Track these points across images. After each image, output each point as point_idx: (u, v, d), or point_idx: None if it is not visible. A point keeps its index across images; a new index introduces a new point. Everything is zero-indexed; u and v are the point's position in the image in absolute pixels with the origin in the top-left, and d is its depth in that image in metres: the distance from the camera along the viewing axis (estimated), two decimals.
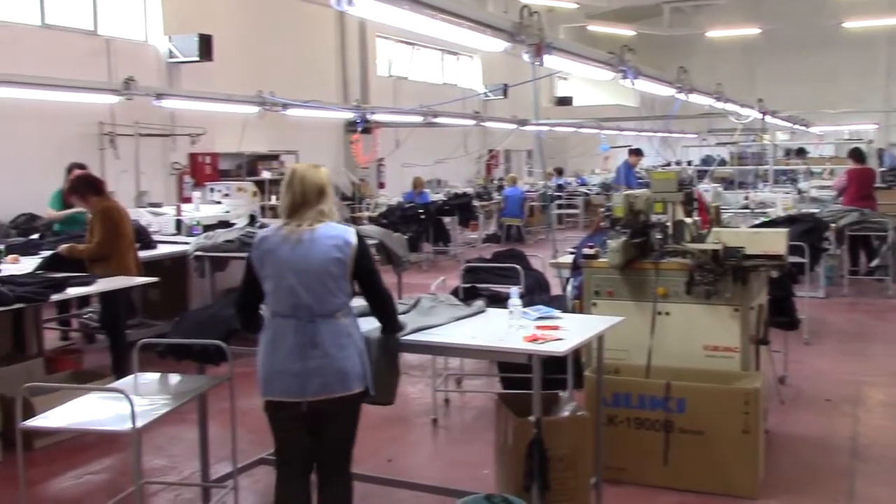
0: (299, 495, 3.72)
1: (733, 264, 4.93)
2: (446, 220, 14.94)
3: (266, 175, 15.28)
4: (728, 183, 16.76)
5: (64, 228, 8.50)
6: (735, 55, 27.78)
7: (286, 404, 3.56)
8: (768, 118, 15.02)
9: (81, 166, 8.59)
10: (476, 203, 16.18)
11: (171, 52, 13.94)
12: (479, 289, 6.27)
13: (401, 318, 4.18)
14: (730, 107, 12.34)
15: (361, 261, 3.61)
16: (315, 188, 3.59)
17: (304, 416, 3.58)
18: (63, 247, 6.72)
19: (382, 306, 3.82)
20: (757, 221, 9.27)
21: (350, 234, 3.60)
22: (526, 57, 5.47)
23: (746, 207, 11.21)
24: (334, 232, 3.57)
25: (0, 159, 11.33)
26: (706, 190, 10.52)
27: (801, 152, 20.60)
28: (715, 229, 5.36)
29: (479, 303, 4.61)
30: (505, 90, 18.59)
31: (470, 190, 18.03)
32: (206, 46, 13.74)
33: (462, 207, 15.42)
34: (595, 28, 25.42)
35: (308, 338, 3.51)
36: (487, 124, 18.23)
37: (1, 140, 11.31)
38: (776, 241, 5.19)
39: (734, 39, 27.19)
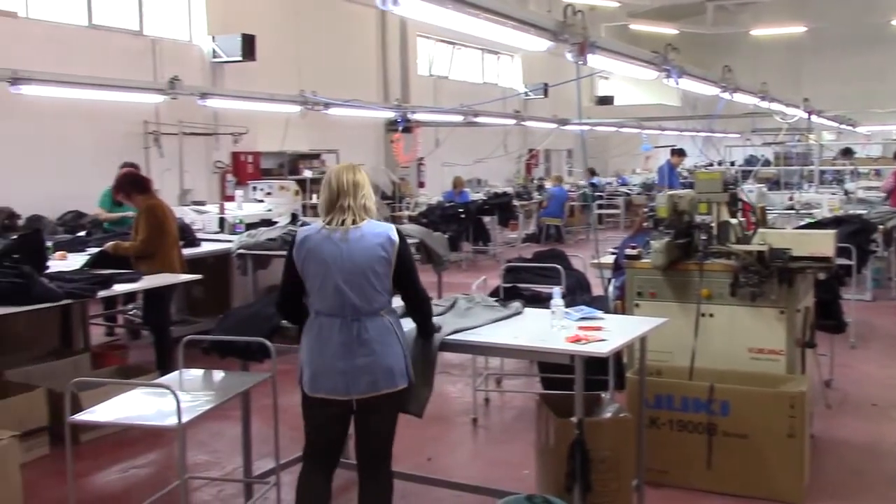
0: (321, 489, 3.73)
1: (779, 266, 4.86)
2: (486, 219, 14.92)
3: (307, 174, 15.37)
4: (772, 184, 16.54)
5: (112, 227, 8.64)
6: (780, 54, 27.38)
7: (331, 402, 3.58)
8: (814, 118, 14.78)
9: (133, 165, 8.71)
10: (516, 202, 16.13)
11: (214, 51, 14.10)
12: (520, 288, 6.24)
13: (437, 319, 4.19)
14: (775, 106, 12.15)
15: (403, 259, 3.61)
16: (349, 183, 3.59)
17: (346, 414, 3.59)
18: (109, 244, 6.85)
19: (420, 306, 3.82)
20: (802, 223, 9.14)
21: (393, 231, 3.60)
22: (569, 56, 5.42)
23: (791, 208, 11.06)
24: (378, 230, 3.58)
25: (47, 157, 11.55)
26: (750, 191, 10.38)
27: (847, 152, 20.25)
28: (760, 230, 5.29)
29: (516, 304, 4.58)
30: (545, 89, 18.52)
31: (510, 189, 17.98)
32: (248, 46, 13.88)
33: (502, 207, 15.38)
34: (637, 27, 25.21)
35: (354, 336, 3.52)
36: (528, 124, 18.15)
37: (48, 139, 11.52)
38: (823, 243, 5.11)
39: (779, 38, 26.77)
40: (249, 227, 8.95)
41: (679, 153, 15.14)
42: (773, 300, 4.91)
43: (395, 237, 3.58)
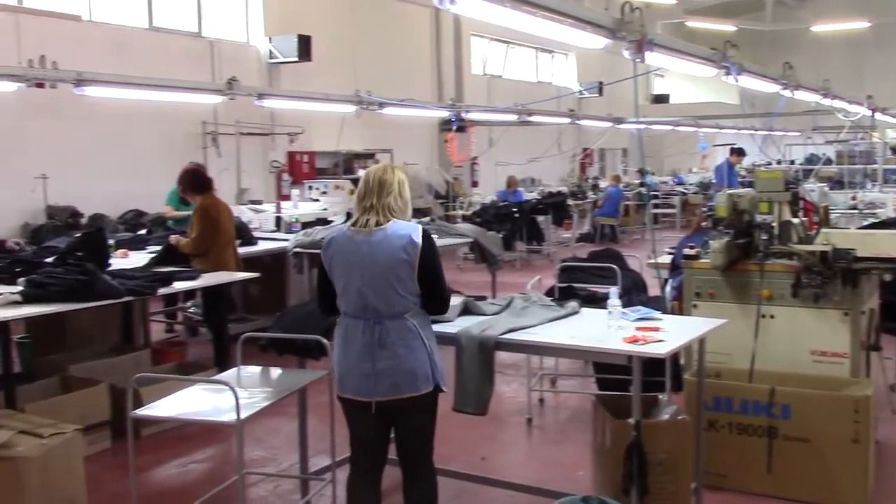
0: (369, 494, 3.74)
1: (843, 266, 4.74)
2: (540, 218, 14.84)
3: (362, 173, 15.41)
4: (834, 182, 16.19)
5: (175, 225, 8.77)
6: (840, 50, 26.75)
7: (358, 402, 3.59)
8: (878, 115, 14.43)
9: (198, 165, 8.82)
10: (570, 202, 16.03)
11: (271, 52, 14.27)
12: (575, 288, 6.19)
13: (493, 318, 4.18)
14: (837, 103, 11.88)
15: (427, 260, 3.51)
16: (375, 182, 3.55)
17: (375, 415, 3.59)
18: (174, 236, 6.97)
19: (436, 308, 3.71)
20: (866, 223, 8.93)
21: (416, 233, 3.51)
22: (626, 54, 5.37)
23: (854, 208, 10.81)
24: (402, 231, 3.50)
25: (108, 157, 11.80)
26: (812, 190, 10.17)
27: None
28: (823, 230, 5.18)
29: (573, 304, 4.54)
30: (600, 88, 18.38)
31: (564, 189, 17.88)
32: (304, 47, 14.03)
33: (556, 206, 15.28)
34: (693, 23, 24.88)
35: (376, 338, 3.50)
36: (582, 123, 18.04)
37: (109, 139, 11.78)
38: (890, 243, 4.99)
39: (839, 34, 26.17)
40: (305, 225, 9.03)
41: (738, 152, 14.90)
42: (837, 301, 4.79)
43: (418, 239, 3.49)
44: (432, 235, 3.64)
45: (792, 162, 19.61)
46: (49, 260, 6.00)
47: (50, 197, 11.15)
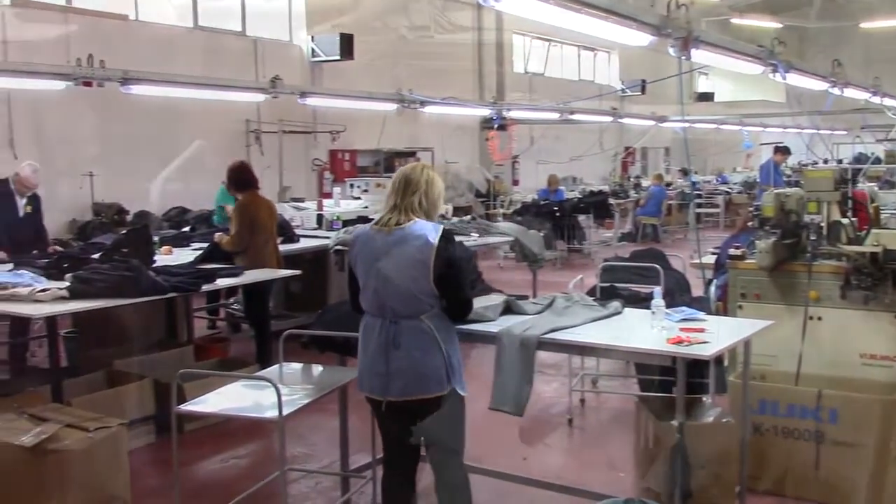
0: (400, 492, 3.74)
1: (894, 268, 4.64)
2: (581, 217, 14.74)
3: None
4: (884, 182, 15.85)
5: (221, 221, 8.84)
6: (891, 46, 26.19)
7: (374, 401, 3.60)
8: None
9: (243, 162, 8.88)
10: (612, 201, 15.90)
11: (313, 51, 14.35)
12: (617, 288, 6.13)
13: (535, 317, 4.13)
14: (887, 101, 11.64)
15: (442, 262, 3.45)
16: (401, 181, 3.55)
17: (393, 414, 3.58)
18: (218, 234, 7.03)
19: (456, 314, 3.63)
20: None
21: (433, 233, 3.45)
22: (672, 51, 5.30)
23: None
24: (420, 231, 3.46)
25: (153, 155, 11.94)
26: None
27: None
28: (874, 231, 5.07)
29: (616, 304, 4.48)
30: (643, 86, 18.20)
31: (606, 188, 17.74)
32: (346, 45, 14.07)
33: (597, 205, 15.17)
34: (739, 21, 24.54)
35: (391, 339, 3.49)
36: (624, 121, 17.89)
37: (153, 137, 11.91)
38: None
39: (890, 30, 25.61)
40: (346, 223, 9.07)
41: (783, 151, 14.66)
42: (888, 304, 4.70)
43: (434, 240, 3.43)
44: (456, 238, 3.60)
45: (839, 161, 19.24)
46: (95, 256, 6.08)
47: (96, 194, 11.33)
